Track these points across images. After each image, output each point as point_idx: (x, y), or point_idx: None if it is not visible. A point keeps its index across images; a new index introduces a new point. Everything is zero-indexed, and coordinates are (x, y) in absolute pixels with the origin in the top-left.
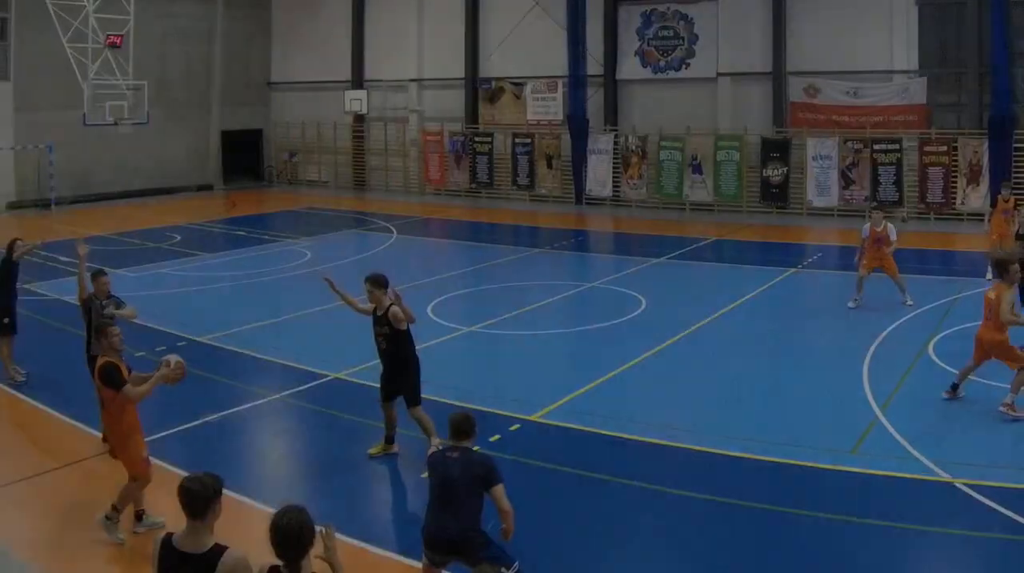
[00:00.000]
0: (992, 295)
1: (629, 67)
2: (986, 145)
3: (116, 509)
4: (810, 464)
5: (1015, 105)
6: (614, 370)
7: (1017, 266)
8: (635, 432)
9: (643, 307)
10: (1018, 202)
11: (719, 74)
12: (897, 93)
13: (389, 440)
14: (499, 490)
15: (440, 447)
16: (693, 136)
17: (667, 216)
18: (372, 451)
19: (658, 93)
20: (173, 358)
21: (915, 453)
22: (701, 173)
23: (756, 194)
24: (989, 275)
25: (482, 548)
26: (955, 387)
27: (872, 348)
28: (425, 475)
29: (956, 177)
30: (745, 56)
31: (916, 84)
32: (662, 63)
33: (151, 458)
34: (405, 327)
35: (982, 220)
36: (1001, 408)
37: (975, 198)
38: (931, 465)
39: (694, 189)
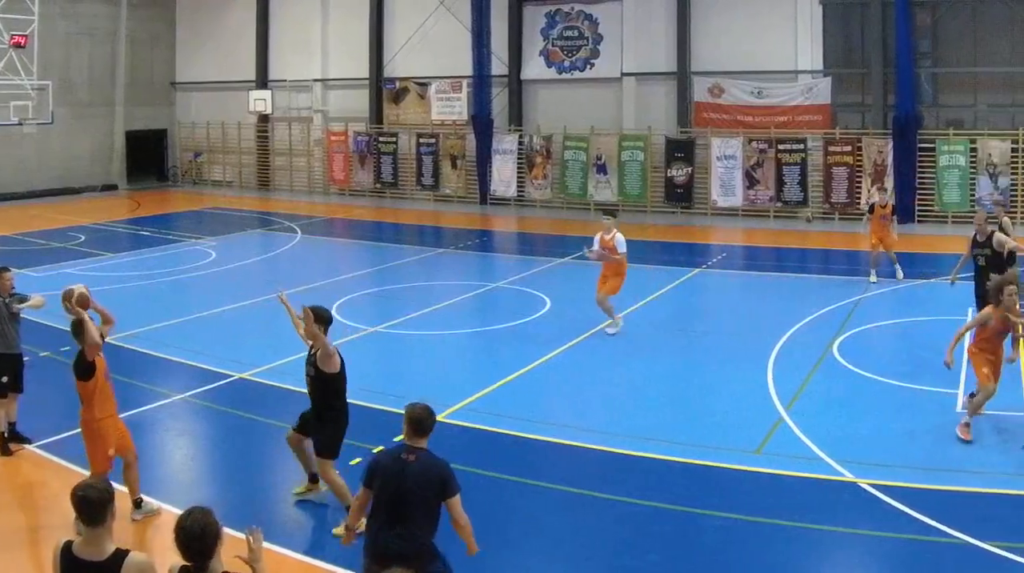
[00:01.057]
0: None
1: (534, 67)
2: (890, 145)
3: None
4: (715, 464)
5: (919, 105)
6: (519, 370)
7: (1013, 288)
8: (540, 432)
9: (548, 307)
10: (895, 208)
11: (624, 74)
12: (801, 93)
13: (312, 478)
14: (456, 501)
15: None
16: (597, 136)
17: (571, 216)
18: (296, 491)
19: (563, 93)
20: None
21: (820, 453)
22: (605, 173)
23: (660, 194)
24: (873, 278)
25: (431, 562)
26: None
27: (777, 348)
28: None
29: (861, 177)
30: (649, 56)
31: (821, 84)
32: (567, 63)
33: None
34: (334, 371)
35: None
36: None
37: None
38: (836, 465)
39: (598, 189)
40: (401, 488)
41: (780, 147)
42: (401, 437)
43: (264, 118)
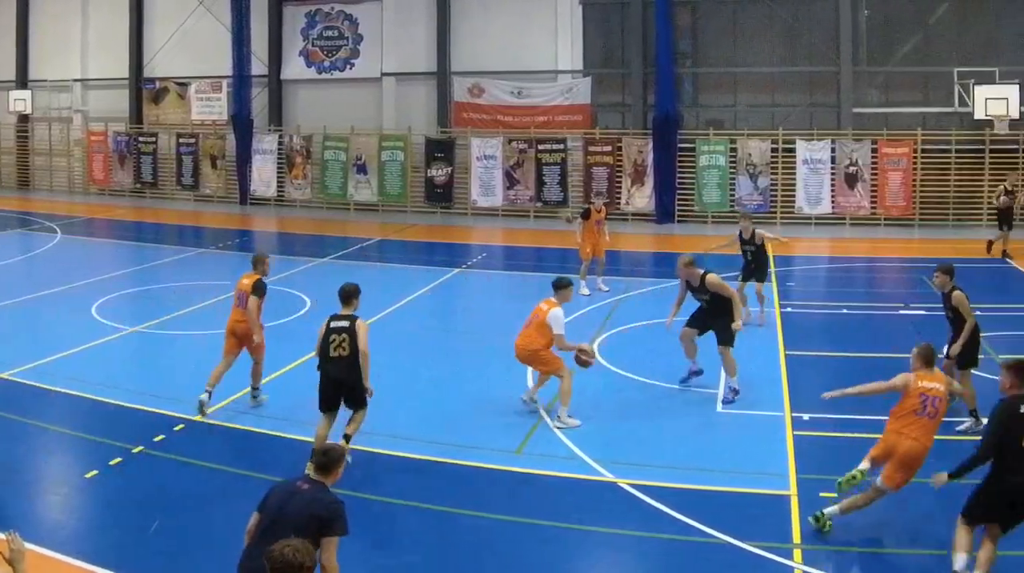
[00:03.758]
0: None
1: (294, 67)
2: (650, 145)
3: (256, 388)
4: (475, 464)
5: (679, 105)
6: (280, 370)
7: None
8: (300, 432)
9: (308, 307)
10: (609, 212)
11: (383, 74)
12: (561, 93)
13: None
14: (332, 542)
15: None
16: (357, 136)
17: (332, 216)
18: None
19: (323, 93)
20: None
21: (580, 453)
22: (365, 173)
23: (420, 194)
24: (585, 290)
25: None
26: None
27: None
28: (90, 475)
29: (621, 177)
30: (410, 56)
31: (580, 84)
32: (327, 63)
33: None
34: None
35: (648, 220)
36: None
37: (640, 198)
38: (596, 465)
39: (358, 189)
40: (283, 511)
41: (540, 147)
42: None
43: (24, 118)
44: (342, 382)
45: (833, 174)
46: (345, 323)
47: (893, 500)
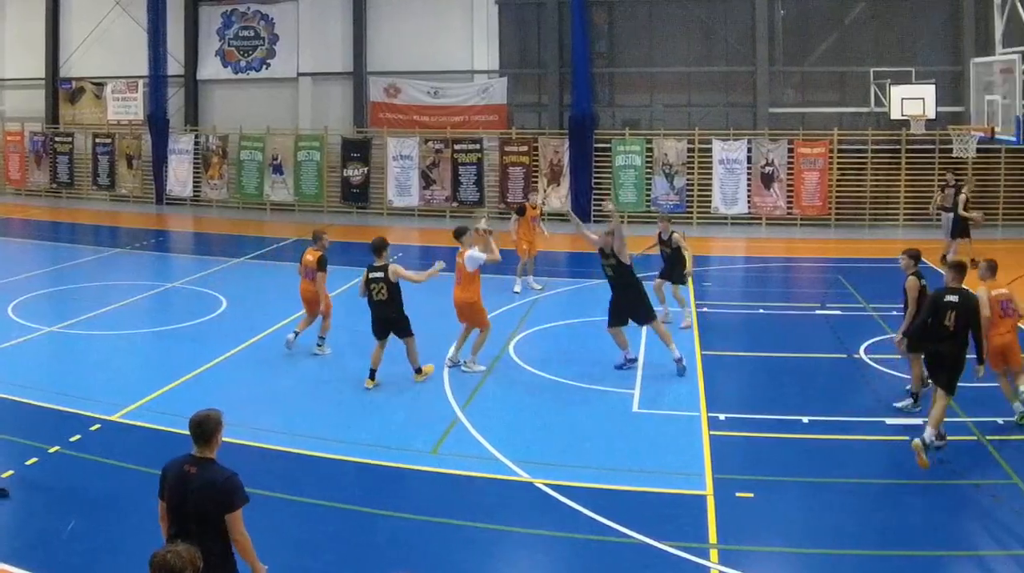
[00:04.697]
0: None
1: (209, 67)
2: (567, 145)
3: (322, 338)
4: (391, 464)
5: (595, 105)
6: (196, 370)
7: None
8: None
9: (224, 307)
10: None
11: (300, 74)
12: (477, 93)
13: None
14: (236, 516)
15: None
16: (273, 136)
17: (248, 216)
18: None
19: (239, 93)
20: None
21: (496, 453)
22: (282, 173)
23: (337, 194)
24: (518, 288)
25: None
26: None
27: (452, 348)
28: (6, 475)
29: (537, 177)
30: (326, 56)
31: (496, 84)
32: (243, 63)
33: None
34: None
35: (564, 220)
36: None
37: (556, 198)
38: (512, 465)
39: (275, 189)
40: (184, 502)
41: (456, 147)
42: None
43: None
44: (387, 319)
45: (749, 174)
46: (380, 274)
47: (816, 500)
